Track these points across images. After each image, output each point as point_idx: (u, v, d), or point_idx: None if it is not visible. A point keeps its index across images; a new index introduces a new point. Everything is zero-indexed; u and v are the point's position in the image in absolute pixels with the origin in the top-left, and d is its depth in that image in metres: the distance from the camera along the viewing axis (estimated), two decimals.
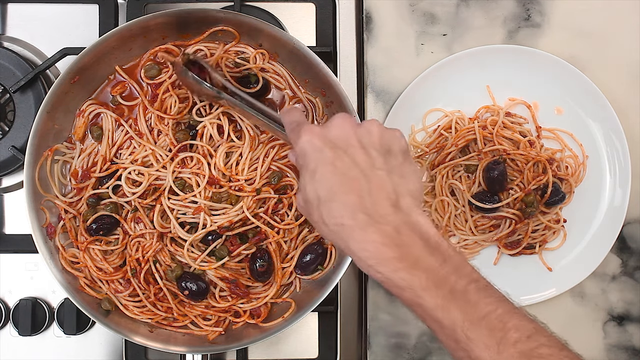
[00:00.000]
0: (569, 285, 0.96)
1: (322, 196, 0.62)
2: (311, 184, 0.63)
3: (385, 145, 0.65)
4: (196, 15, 0.86)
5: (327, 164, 0.62)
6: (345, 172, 0.62)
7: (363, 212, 0.60)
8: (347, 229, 0.60)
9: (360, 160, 0.63)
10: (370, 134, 0.65)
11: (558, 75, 0.96)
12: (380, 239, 0.59)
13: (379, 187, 0.62)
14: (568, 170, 0.97)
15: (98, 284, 0.87)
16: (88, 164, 0.87)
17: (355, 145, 0.64)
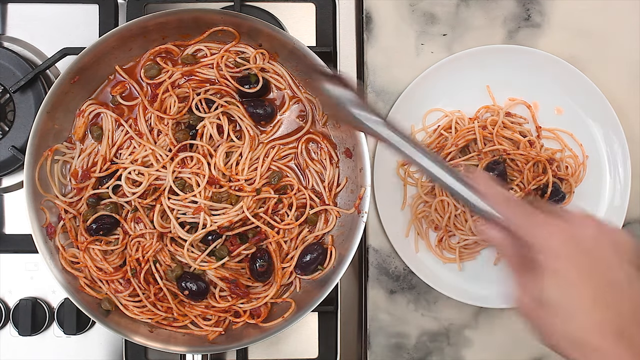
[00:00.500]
0: None
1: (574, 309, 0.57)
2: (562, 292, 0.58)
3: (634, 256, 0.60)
4: (196, 15, 0.86)
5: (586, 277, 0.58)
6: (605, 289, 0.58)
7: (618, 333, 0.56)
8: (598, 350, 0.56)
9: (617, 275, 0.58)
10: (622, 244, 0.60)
11: (558, 75, 0.96)
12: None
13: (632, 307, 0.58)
14: (568, 170, 0.97)
15: (98, 284, 0.87)
16: (88, 164, 0.87)
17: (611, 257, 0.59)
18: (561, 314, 0.58)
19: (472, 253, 0.97)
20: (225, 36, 0.88)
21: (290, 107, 0.91)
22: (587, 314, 0.57)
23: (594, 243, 0.60)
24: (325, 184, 0.89)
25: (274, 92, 0.91)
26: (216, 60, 0.88)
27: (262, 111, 0.88)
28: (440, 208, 0.96)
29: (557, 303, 0.58)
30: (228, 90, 0.88)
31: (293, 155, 0.90)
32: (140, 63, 0.89)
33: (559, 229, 0.60)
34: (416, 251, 0.97)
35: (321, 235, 0.89)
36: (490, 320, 0.98)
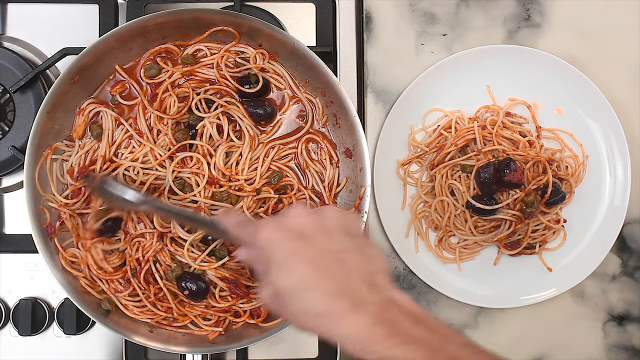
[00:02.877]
0: (569, 285, 0.96)
1: (298, 286, 0.61)
2: (282, 276, 0.62)
3: (344, 227, 0.66)
4: (196, 15, 0.86)
5: (297, 254, 0.62)
6: (317, 260, 0.62)
7: (344, 296, 0.60)
8: (333, 316, 0.60)
9: (327, 246, 0.63)
10: (330, 219, 0.66)
11: (558, 75, 0.97)
12: (368, 319, 0.59)
13: (352, 269, 0.62)
14: (568, 170, 0.97)
15: (98, 284, 0.87)
16: (85, 162, 0.87)
17: (319, 232, 0.64)
18: (289, 296, 0.61)
19: (472, 253, 0.97)
20: (225, 36, 0.88)
21: (290, 107, 0.91)
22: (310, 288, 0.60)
23: (299, 224, 0.64)
24: (325, 184, 0.89)
25: (274, 92, 0.91)
26: (216, 60, 0.88)
27: (262, 111, 0.88)
28: (440, 208, 0.96)
29: (282, 288, 0.62)
30: (228, 90, 0.88)
31: (293, 155, 0.90)
32: (140, 63, 0.89)
33: (267, 223, 0.65)
34: (416, 251, 0.97)
35: None
36: (490, 320, 0.98)
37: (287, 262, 0.62)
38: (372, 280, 0.62)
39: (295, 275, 0.61)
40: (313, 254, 0.62)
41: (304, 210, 0.67)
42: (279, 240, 0.64)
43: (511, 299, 0.96)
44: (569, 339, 0.99)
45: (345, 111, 0.86)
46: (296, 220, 0.65)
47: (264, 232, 0.65)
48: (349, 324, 0.59)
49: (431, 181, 0.97)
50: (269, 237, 0.64)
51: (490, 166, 0.92)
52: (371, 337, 0.58)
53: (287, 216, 0.66)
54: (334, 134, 0.90)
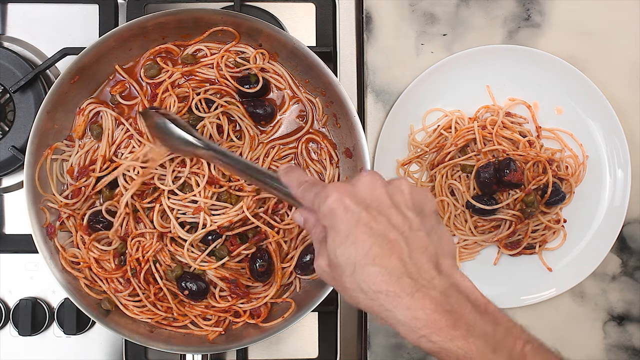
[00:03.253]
0: (569, 285, 0.96)
1: (359, 261, 0.57)
2: (343, 248, 0.58)
3: (417, 205, 0.62)
4: (196, 15, 0.86)
5: (362, 226, 0.58)
6: (384, 235, 0.58)
7: (408, 277, 0.56)
8: (392, 295, 0.56)
9: (396, 221, 0.59)
10: (402, 193, 0.61)
11: (558, 75, 0.97)
12: (431, 305, 0.55)
13: (420, 249, 0.58)
14: (568, 170, 0.97)
15: (98, 284, 0.87)
16: (85, 161, 0.87)
17: (389, 205, 0.60)
18: (348, 269, 0.58)
19: (472, 253, 0.97)
20: (225, 36, 0.88)
21: (290, 107, 0.91)
22: (373, 263, 0.57)
23: (370, 194, 0.60)
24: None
25: (274, 92, 0.91)
26: (216, 60, 0.88)
27: (262, 111, 0.88)
28: (440, 208, 0.96)
29: (342, 258, 0.58)
30: (228, 90, 0.88)
31: (293, 155, 0.90)
32: (140, 63, 0.89)
33: (335, 189, 0.60)
34: None
35: None
36: None
37: (352, 233, 0.58)
38: (438, 262, 0.59)
39: (359, 247, 0.57)
40: (381, 228, 0.58)
41: (376, 179, 0.62)
42: (347, 209, 0.59)
43: (511, 299, 0.96)
44: (569, 339, 0.99)
45: (345, 111, 0.86)
46: (367, 190, 0.60)
47: (332, 197, 0.60)
48: (409, 307, 0.56)
49: (431, 181, 0.97)
50: (336, 203, 0.59)
51: (490, 166, 0.92)
52: (431, 325, 0.55)
53: (358, 184, 0.61)
54: (334, 134, 0.91)
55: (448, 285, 0.57)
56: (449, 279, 0.58)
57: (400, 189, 0.62)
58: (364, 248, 0.57)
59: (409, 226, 0.59)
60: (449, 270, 0.59)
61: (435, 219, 0.63)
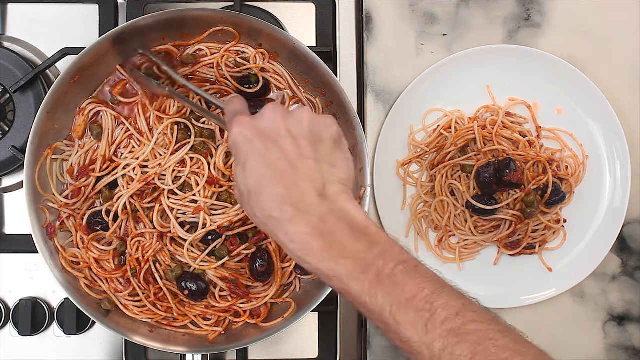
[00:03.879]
0: (569, 285, 0.96)
1: (252, 188, 0.62)
2: (242, 176, 0.63)
3: (315, 133, 0.65)
4: (196, 15, 0.86)
5: (257, 156, 0.63)
6: (274, 163, 0.62)
7: (289, 204, 0.61)
8: (276, 220, 0.61)
9: (288, 150, 0.63)
10: (301, 122, 0.65)
11: (558, 75, 0.97)
12: (306, 229, 0.60)
13: (306, 176, 0.62)
14: (568, 170, 0.97)
15: (98, 284, 0.87)
16: (85, 161, 0.87)
17: (284, 135, 0.63)
18: (246, 195, 0.63)
19: (471, 253, 0.97)
20: (225, 36, 0.88)
21: (291, 107, 0.91)
22: (266, 194, 0.61)
23: (269, 126, 0.64)
24: None
25: (274, 92, 0.91)
26: (216, 60, 0.88)
27: None
28: (440, 208, 0.96)
29: (242, 186, 0.63)
30: (228, 90, 0.88)
31: None
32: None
33: (237, 122, 0.65)
34: (416, 251, 0.97)
35: None
36: None
37: (248, 162, 0.63)
38: (324, 190, 0.62)
39: (253, 176, 0.62)
40: (272, 158, 0.62)
41: (279, 111, 0.65)
42: (245, 140, 0.64)
43: (511, 299, 0.96)
44: (569, 339, 0.99)
45: (345, 111, 0.86)
46: (267, 122, 0.64)
47: (234, 130, 0.65)
48: (287, 231, 0.60)
49: (431, 181, 0.97)
50: (239, 135, 0.64)
51: (490, 166, 0.92)
52: (305, 247, 0.60)
53: (262, 116, 0.65)
54: None
55: (328, 210, 0.61)
56: (332, 204, 0.61)
57: (299, 118, 0.65)
58: (256, 177, 0.62)
59: (299, 154, 0.63)
60: (333, 196, 0.62)
61: (332, 146, 0.65)
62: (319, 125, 0.66)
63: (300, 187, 0.61)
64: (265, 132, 0.64)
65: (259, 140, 0.63)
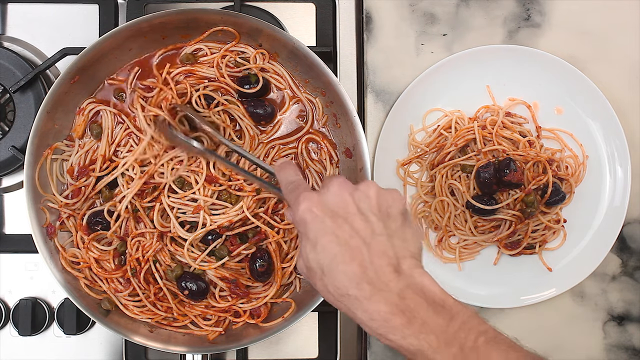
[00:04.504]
0: (569, 285, 0.96)
1: (325, 267, 0.62)
2: (313, 254, 0.63)
3: (383, 208, 0.65)
4: (196, 15, 0.86)
5: (328, 234, 0.62)
6: (346, 242, 0.62)
7: (366, 282, 0.60)
8: (353, 299, 0.61)
9: (359, 227, 0.63)
10: (368, 198, 0.65)
11: (558, 75, 0.97)
12: (387, 307, 0.59)
13: (379, 253, 0.62)
14: (568, 170, 0.97)
15: (98, 284, 0.87)
16: (85, 161, 0.87)
17: (354, 212, 0.63)
18: (318, 274, 0.63)
19: (471, 253, 0.97)
20: (225, 36, 0.88)
21: (290, 107, 0.91)
22: (341, 272, 0.61)
23: (337, 202, 0.64)
24: None
25: (274, 92, 0.91)
26: (216, 60, 0.88)
27: (262, 111, 0.88)
28: (440, 208, 0.96)
29: (313, 264, 0.63)
30: (228, 89, 0.88)
31: (293, 155, 0.90)
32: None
33: (305, 198, 0.64)
34: None
35: None
36: (490, 320, 0.98)
37: (319, 241, 0.62)
38: (398, 265, 0.62)
39: (325, 255, 0.62)
40: (344, 236, 0.62)
41: (344, 187, 0.65)
42: (315, 218, 0.63)
43: (511, 299, 0.96)
44: (569, 339, 0.99)
45: (345, 111, 0.86)
46: (334, 198, 0.64)
47: (302, 206, 0.64)
48: (366, 309, 0.60)
49: (431, 181, 0.97)
50: (306, 212, 0.64)
51: (490, 166, 0.92)
52: (386, 325, 0.59)
53: (328, 192, 0.65)
54: (334, 134, 0.91)
55: (405, 286, 0.61)
56: (408, 280, 0.61)
57: (367, 194, 0.65)
58: (329, 255, 0.62)
59: (371, 231, 0.63)
60: (408, 271, 0.62)
61: (401, 221, 0.65)
62: (387, 200, 0.65)
63: (376, 264, 0.61)
64: (334, 210, 0.64)
65: (329, 218, 0.63)
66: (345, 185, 0.65)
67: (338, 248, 0.62)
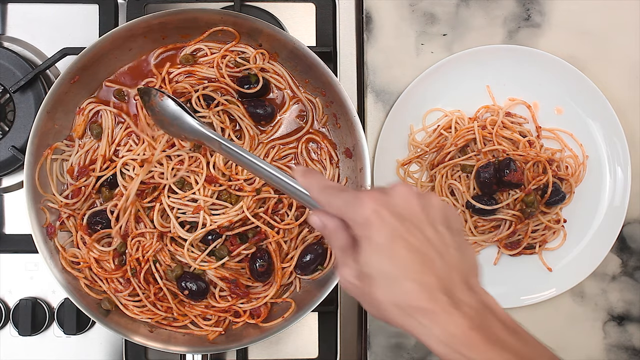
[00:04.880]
0: (569, 285, 0.96)
1: (394, 274, 0.57)
2: (377, 260, 0.57)
3: (447, 220, 0.61)
4: (196, 15, 0.86)
5: (399, 239, 0.57)
6: (420, 250, 0.57)
7: (444, 294, 0.56)
8: (429, 312, 0.56)
9: (431, 236, 0.58)
10: (434, 207, 0.60)
11: (558, 75, 0.96)
12: (466, 322, 0.55)
13: (453, 266, 0.58)
14: (568, 170, 0.97)
15: (98, 284, 0.87)
16: (85, 161, 0.87)
17: (424, 219, 0.59)
18: (383, 282, 0.57)
19: None
20: (225, 36, 0.88)
21: (290, 107, 0.91)
22: (409, 278, 0.56)
23: (405, 207, 0.59)
24: None
25: (274, 92, 0.91)
26: (216, 61, 0.88)
27: (262, 111, 0.88)
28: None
29: (377, 271, 0.57)
30: (228, 89, 0.88)
31: (293, 155, 0.90)
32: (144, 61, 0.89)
33: (371, 198, 0.59)
34: None
35: (321, 235, 0.89)
36: None
37: (389, 245, 0.57)
38: (468, 280, 0.58)
39: (396, 261, 0.57)
40: (417, 242, 0.57)
41: (411, 192, 0.60)
42: (383, 220, 0.57)
43: (511, 299, 0.96)
44: (569, 339, 0.99)
45: (345, 111, 0.86)
46: (402, 202, 0.59)
47: (368, 207, 0.58)
48: (445, 323, 0.55)
49: (431, 181, 0.97)
50: (373, 213, 0.58)
51: (490, 166, 0.92)
52: (467, 341, 0.55)
53: (393, 195, 0.60)
54: (334, 134, 0.91)
55: (477, 302, 0.57)
56: (479, 297, 0.58)
57: (432, 204, 0.61)
58: (401, 262, 0.57)
59: (442, 243, 0.59)
60: (476, 289, 0.59)
61: (463, 236, 0.62)
62: (450, 214, 0.62)
63: (452, 277, 0.57)
64: (403, 214, 0.58)
65: (399, 222, 0.58)
66: (412, 190, 0.61)
67: (411, 255, 0.57)
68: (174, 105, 0.79)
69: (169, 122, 0.80)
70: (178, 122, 0.78)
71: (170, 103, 0.79)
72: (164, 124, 0.81)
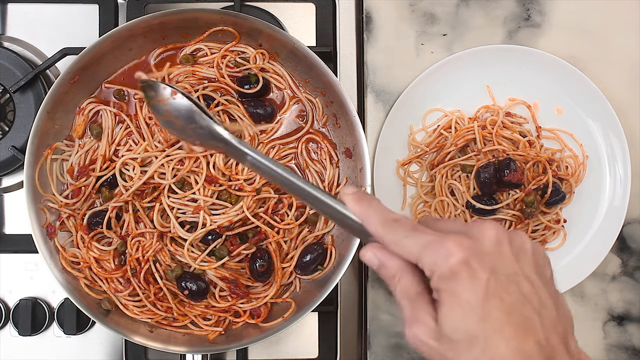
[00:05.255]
0: (569, 285, 0.96)
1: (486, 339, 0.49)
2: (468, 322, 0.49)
3: (539, 267, 0.54)
4: (196, 15, 0.86)
5: (493, 298, 0.50)
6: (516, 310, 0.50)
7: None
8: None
9: (527, 291, 0.51)
10: (526, 252, 0.53)
11: (558, 75, 0.97)
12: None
13: (552, 327, 0.51)
14: (568, 170, 0.97)
15: (98, 284, 0.87)
16: (85, 161, 0.87)
17: (517, 270, 0.52)
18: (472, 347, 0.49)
19: None
20: (225, 36, 0.88)
21: (290, 107, 0.91)
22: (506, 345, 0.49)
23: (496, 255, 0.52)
24: (325, 184, 0.89)
25: (274, 92, 0.91)
26: (216, 61, 0.88)
27: (262, 111, 0.88)
28: (440, 208, 0.96)
29: (463, 334, 0.50)
30: (228, 89, 0.88)
31: (293, 155, 0.90)
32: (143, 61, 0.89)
33: (458, 245, 0.51)
34: None
35: (321, 235, 0.89)
36: None
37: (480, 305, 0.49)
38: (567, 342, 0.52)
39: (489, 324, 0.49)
40: (513, 302, 0.50)
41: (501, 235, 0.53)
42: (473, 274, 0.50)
43: None
44: None
45: (345, 111, 0.86)
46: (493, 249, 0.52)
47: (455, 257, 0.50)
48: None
49: (431, 181, 0.97)
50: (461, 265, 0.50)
51: (490, 166, 0.92)
52: None
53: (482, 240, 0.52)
54: (334, 134, 0.91)
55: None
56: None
57: (524, 248, 0.54)
58: (496, 325, 0.49)
59: (538, 299, 0.52)
60: (575, 352, 0.53)
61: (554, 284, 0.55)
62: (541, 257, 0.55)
63: (551, 342, 0.50)
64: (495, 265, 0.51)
65: (492, 275, 0.50)
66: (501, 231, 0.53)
67: (507, 318, 0.49)
68: (190, 105, 0.65)
69: (181, 126, 0.66)
70: (196, 128, 0.64)
71: (185, 102, 0.64)
72: (173, 126, 0.67)
